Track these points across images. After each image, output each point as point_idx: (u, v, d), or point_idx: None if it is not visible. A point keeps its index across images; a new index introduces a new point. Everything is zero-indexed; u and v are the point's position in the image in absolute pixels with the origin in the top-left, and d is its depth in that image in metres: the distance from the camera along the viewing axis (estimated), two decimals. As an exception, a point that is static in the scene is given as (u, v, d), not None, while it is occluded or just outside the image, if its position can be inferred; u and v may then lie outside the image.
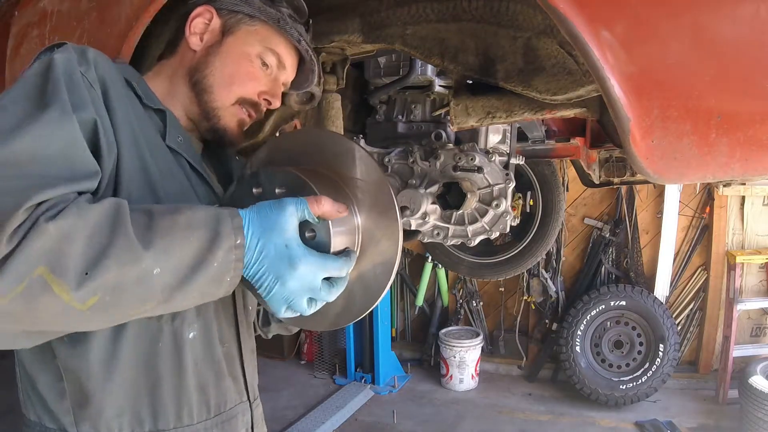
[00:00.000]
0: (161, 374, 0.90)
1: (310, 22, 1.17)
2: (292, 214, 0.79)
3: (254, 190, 0.92)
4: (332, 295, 0.84)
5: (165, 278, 0.71)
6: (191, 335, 0.93)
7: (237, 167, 1.17)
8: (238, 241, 0.76)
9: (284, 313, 0.82)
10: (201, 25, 1.02)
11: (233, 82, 1.02)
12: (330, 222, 0.86)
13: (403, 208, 1.49)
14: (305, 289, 0.80)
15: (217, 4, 1.04)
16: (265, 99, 1.07)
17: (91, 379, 0.85)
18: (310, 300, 0.82)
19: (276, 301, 0.80)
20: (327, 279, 0.83)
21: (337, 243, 0.87)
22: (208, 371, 0.97)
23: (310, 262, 0.79)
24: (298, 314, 0.84)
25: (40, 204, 0.67)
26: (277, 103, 1.10)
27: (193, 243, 0.73)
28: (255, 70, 1.05)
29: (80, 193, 0.73)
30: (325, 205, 0.82)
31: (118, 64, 0.96)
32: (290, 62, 1.11)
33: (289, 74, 1.12)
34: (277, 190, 0.89)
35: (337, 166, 0.96)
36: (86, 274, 0.66)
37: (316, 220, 0.83)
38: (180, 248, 0.72)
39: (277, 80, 1.10)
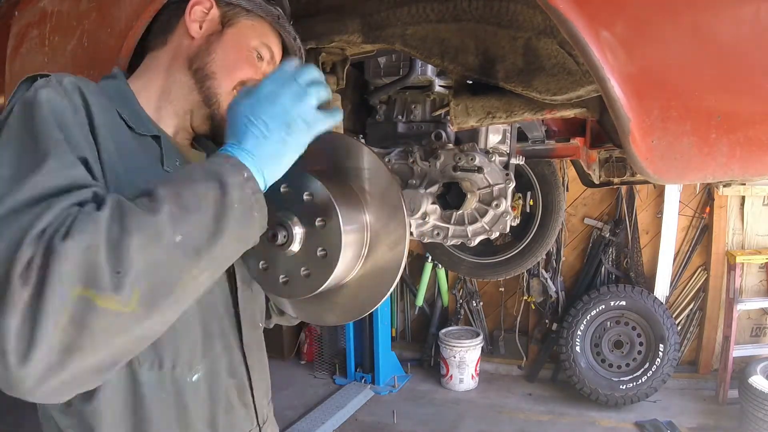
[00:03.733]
0: (168, 419, 0.91)
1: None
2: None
3: None
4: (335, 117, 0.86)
5: (191, 241, 0.70)
6: (195, 378, 0.94)
7: None
8: (245, 175, 0.77)
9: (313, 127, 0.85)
10: (200, 12, 1.02)
11: (236, 68, 1.03)
12: (341, 220, 0.88)
13: None
14: (298, 103, 0.82)
15: None
16: None
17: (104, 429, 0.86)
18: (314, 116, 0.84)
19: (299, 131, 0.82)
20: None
21: (347, 240, 0.90)
22: (217, 406, 0.98)
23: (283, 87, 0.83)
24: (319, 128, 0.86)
25: (44, 229, 0.64)
26: None
27: (204, 197, 0.72)
28: (252, 60, 1.06)
29: (81, 204, 0.70)
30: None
31: (104, 82, 0.96)
32: (278, 60, 1.12)
33: (279, 51, 1.14)
34: (282, 189, 0.92)
35: (345, 166, 0.98)
36: (118, 273, 0.63)
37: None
38: (193, 207, 0.71)
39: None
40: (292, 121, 0.82)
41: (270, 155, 0.81)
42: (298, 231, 0.92)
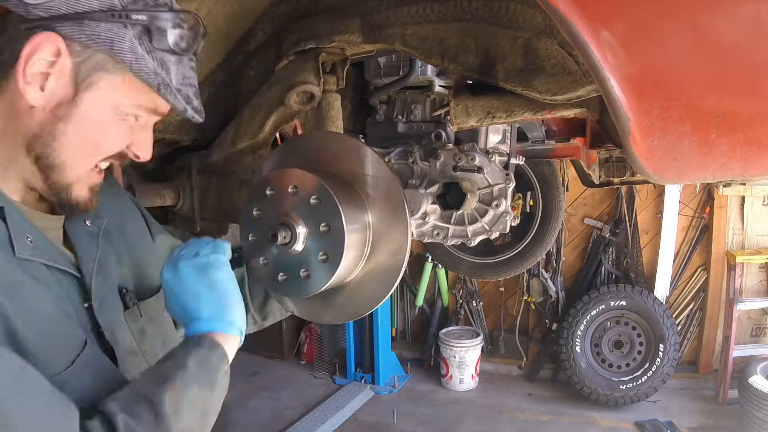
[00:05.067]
0: None
1: (205, 32, 0.85)
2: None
3: (267, 192, 0.97)
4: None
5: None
6: None
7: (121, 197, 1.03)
8: (225, 368, 0.85)
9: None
10: (42, 64, 0.71)
11: (96, 152, 0.79)
12: (344, 219, 0.89)
13: None
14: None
15: (65, 29, 0.71)
16: (134, 154, 0.84)
17: None
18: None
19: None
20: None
21: (350, 240, 0.90)
22: None
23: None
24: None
25: None
26: (147, 156, 0.86)
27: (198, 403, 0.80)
28: (123, 129, 0.81)
29: None
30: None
31: None
32: (164, 109, 0.85)
33: (167, 109, 0.85)
34: (289, 189, 0.94)
35: (348, 166, 0.99)
36: None
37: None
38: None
39: (149, 125, 0.86)
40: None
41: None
42: (302, 230, 0.93)
